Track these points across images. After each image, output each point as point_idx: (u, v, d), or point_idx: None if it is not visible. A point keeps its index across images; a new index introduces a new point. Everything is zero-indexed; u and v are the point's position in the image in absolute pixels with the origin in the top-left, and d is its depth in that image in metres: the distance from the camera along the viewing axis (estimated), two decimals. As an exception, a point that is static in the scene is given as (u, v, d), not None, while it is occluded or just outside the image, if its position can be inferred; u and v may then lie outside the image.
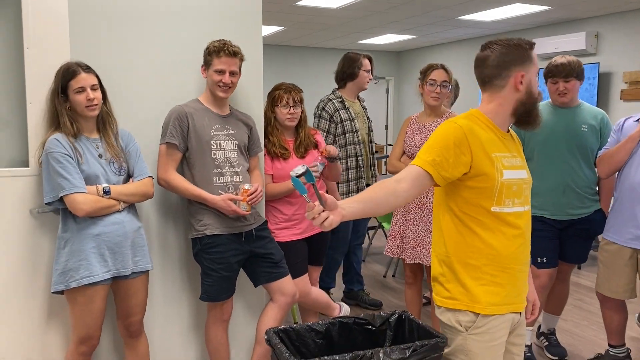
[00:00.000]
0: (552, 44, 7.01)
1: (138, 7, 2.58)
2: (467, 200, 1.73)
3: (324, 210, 1.46)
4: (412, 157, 3.11)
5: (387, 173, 5.02)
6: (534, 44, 1.76)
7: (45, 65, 2.31)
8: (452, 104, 3.89)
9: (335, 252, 3.78)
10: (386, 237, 5.60)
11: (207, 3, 2.72)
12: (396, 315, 1.91)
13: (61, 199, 2.19)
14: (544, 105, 3.05)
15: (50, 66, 2.29)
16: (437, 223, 1.82)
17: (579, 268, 5.16)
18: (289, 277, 2.67)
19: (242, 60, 2.55)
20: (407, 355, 1.62)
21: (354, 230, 3.98)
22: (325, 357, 1.55)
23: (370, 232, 5.80)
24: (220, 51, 2.46)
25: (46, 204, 2.24)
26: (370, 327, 1.89)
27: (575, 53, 6.52)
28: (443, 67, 3.07)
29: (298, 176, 1.48)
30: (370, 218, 5.59)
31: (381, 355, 1.60)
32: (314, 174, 2.75)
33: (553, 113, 2.99)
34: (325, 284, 3.90)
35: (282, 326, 1.79)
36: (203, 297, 2.55)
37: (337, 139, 3.63)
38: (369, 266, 5.31)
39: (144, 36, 2.60)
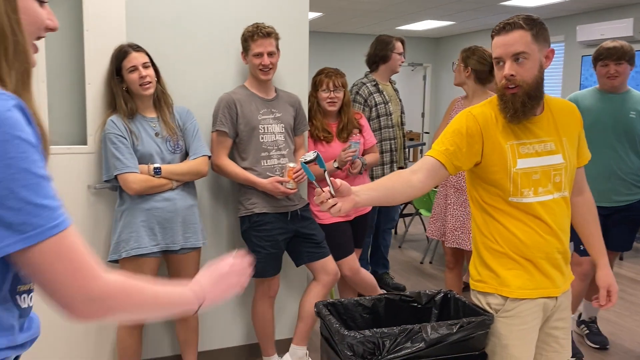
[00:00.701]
0: (597, 30, 6.84)
1: (190, -9, 2.66)
2: (487, 190, 1.73)
3: (333, 197, 1.46)
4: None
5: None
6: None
7: (103, 47, 2.41)
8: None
9: None
10: (423, 224, 5.62)
11: (256, -13, 2.78)
12: (442, 294, 1.95)
13: (116, 177, 2.30)
14: (590, 91, 3.01)
15: (108, 48, 2.39)
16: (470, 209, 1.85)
17: (621, 259, 5.08)
18: (330, 257, 2.74)
19: (277, 39, 2.59)
20: (454, 330, 1.65)
21: (385, 214, 4.01)
22: (375, 329, 1.60)
23: (407, 219, 5.81)
24: (254, 34, 2.52)
25: (104, 181, 2.36)
26: (415, 304, 1.93)
27: (621, 40, 6.35)
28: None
29: (307, 162, 1.47)
30: (406, 204, 5.61)
31: (429, 329, 1.64)
32: (350, 154, 2.80)
33: (600, 99, 2.95)
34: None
35: (330, 300, 1.86)
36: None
37: (370, 122, 3.66)
38: (405, 252, 5.33)
39: (193, 22, 2.68)
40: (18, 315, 0.90)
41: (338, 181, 1.46)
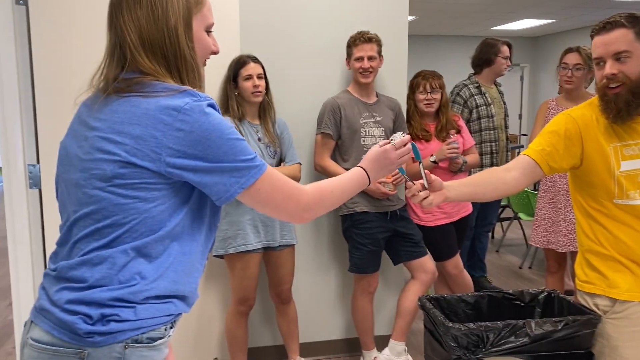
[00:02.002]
0: None
1: (295, 5, 2.85)
2: (590, 193, 1.71)
3: (426, 189, 1.51)
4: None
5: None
6: None
7: (219, 60, 2.63)
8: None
9: None
10: (522, 228, 5.48)
11: (357, -3, 2.92)
12: (545, 293, 1.96)
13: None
14: None
15: (223, 58, 2.61)
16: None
17: None
18: (428, 256, 2.81)
19: (379, 45, 2.72)
20: (559, 327, 1.67)
21: (482, 217, 3.98)
22: (479, 323, 1.66)
23: (504, 223, 5.70)
24: (356, 40, 2.69)
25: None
26: (518, 302, 1.96)
27: None
28: (578, 50, 3.00)
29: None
30: (503, 208, 5.49)
31: (533, 325, 1.67)
32: (453, 151, 2.83)
33: None
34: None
35: (434, 295, 1.93)
36: (352, 269, 2.77)
37: (470, 124, 3.65)
38: (503, 257, 5.23)
39: (300, 32, 2.87)
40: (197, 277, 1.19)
41: (432, 175, 1.54)
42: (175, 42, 1.11)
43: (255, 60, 2.55)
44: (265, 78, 2.58)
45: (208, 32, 1.20)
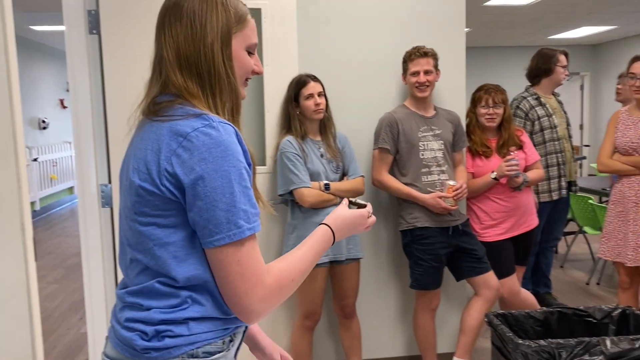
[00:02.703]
0: None
1: (350, 22, 2.89)
2: None
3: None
4: (626, 153, 2.95)
5: (597, 174, 4.74)
6: None
7: (278, 80, 2.71)
8: None
9: None
10: (588, 242, 5.26)
11: (410, 9, 2.93)
12: (619, 310, 1.88)
13: (291, 192, 2.55)
14: None
15: (283, 80, 2.69)
16: None
17: None
18: (492, 272, 2.74)
19: (435, 59, 2.72)
20: (637, 345, 1.60)
21: (548, 232, 3.85)
22: (550, 340, 1.61)
23: (569, 237, 5.49)
24: (412, 55, 2.70)
25: (279, 195, 2.63)
26: (590, 319, 1.89)
27: None
28: None
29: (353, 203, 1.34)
30: (567, 222, 5.30)
31: (608, 343, 1.61)
32: (512, 168, 2.76)
33: None
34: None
35: (500, 311, 1.89)
36: (413, 285, 2.74)
37: (533, 136, 3.57)
38: (568, 272, 5.04)
39: (356, 51, 2.91)
40: None
41: None
42: (210, 59, 1.08)
43: (315, 79, 2.60)
44: (325, 95, 2.63)
45: (250, 53, 1.17)
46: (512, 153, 2.86)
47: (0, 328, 1.37)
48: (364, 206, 1.28)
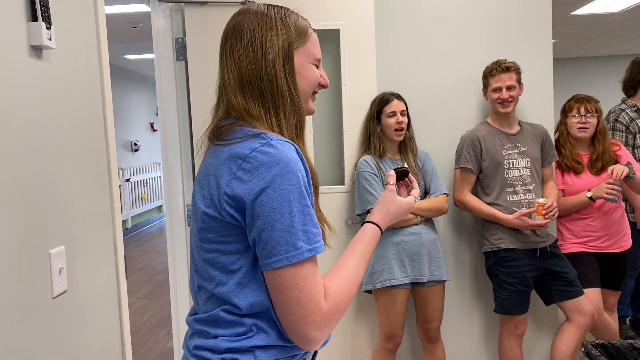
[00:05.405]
0: None
1: (430, 37, 2.85)
2: None
3: None
4: None
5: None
6: None
7: (357, 99, 2.72)
8: None
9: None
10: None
11: (493, 21, 2.84)
12: None
13: (369, 211, 2.53)
14: None
15: (362, 100, 2.69)
16: None
17: None
18: (585, 297, 2.56)
19: (518, 73, 2.60)
20: None
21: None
22: (656, 375, 1.47)
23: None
24: (493, 70, 2.59)
25: (357, 215, 2.62)
26: (703, 353, 1.71)
27: None
28: None
29: (396, 170, 1.30)
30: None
31: None
32: (613, 194, 2.56)
33: None
34: (619, 312, 3.55)
35: (600, 341, 1.75)
36: (498, 310, 2.61)
37: (636, 151, 3.33)
38: (673, 298, 4.61)
39: (434, 68, 2.85)
40: None
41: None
42: (272, 77, 1.07)
43: (399, 97, 2.58)
44: (408, 114, 2.60)
45: (316, 65, 1.15)
46: (630, 166, 2.63)
47: (94, 342, 1.44)
48: (407, 171, 1.26)
